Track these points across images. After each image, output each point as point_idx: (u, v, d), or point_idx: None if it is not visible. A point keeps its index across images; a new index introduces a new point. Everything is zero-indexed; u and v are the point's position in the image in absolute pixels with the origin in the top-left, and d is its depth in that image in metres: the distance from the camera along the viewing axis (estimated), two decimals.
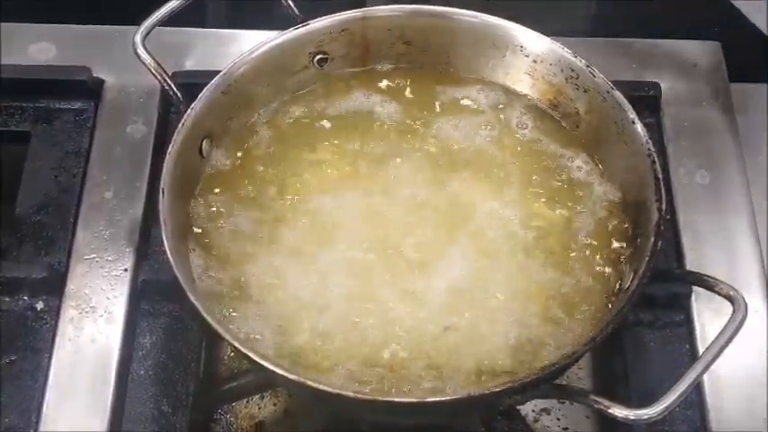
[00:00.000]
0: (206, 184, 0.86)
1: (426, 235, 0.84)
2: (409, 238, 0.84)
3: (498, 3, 0.91)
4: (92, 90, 1.00)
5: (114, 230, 0.93)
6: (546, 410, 0.92)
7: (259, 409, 0.91)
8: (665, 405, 0.69)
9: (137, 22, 0.86)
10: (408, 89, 0.92)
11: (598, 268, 0.82)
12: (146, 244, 0.92)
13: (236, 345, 0.72)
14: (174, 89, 0.85)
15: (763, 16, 1.16)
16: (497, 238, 0.84)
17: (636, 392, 0.86)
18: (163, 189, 0.79)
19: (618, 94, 0.85)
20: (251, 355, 0.72)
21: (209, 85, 0.85)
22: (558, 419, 0.91)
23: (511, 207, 0.86)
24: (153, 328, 0.88)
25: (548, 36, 0.88)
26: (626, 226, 0.84)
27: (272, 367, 0.71)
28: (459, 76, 0.92)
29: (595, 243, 0.84)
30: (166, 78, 0.85)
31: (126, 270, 0.91)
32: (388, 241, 0.83)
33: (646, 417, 0.69)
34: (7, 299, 0.89)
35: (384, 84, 0.92)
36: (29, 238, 0.92)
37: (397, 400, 0.72)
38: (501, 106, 0.91)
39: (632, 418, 0.69)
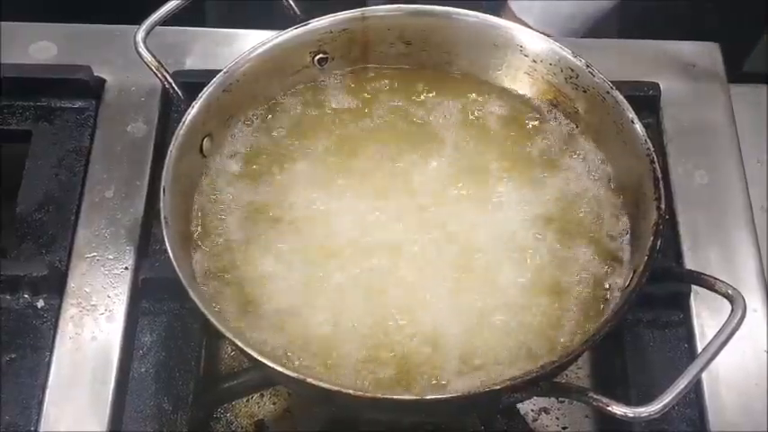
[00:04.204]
0: (207, 183, 0.86)
1: (431, 232, 0.84)
2: (415, 235, 0.84)
3: (499, 2, 0.91)
4: (92, 89, 1.00)
5: (115, 229, 0.93)
6: (545, 409, 0.92)
7: (259, 407, 0.91)
8: (663, 403, 0.69)
9: (137, 21, 0.86)
10: (409, 89, 0.92)
11: (597, 267, 0.82)
12: (146, 242, 0.93)
13: (238, 342, 0.72)
14: (176, 88, 0.85)
15: None
16: (496, 237, 0.84)
17: (635, 391, 0.86)
18: (164, 187, 0.79)
19: (617, 94, 0.85)
20: (251, 352, 0.72)
21: (210, 84, 0.85)
22: (558, 418, 0.91)
23: (510, 205, 0.86)
24: (153, 327, 0.88)
25: (547, 36, 0.89)
26: (625, 225, 0.84)
27: (272, 364, 0.71)
28: (460, 75, 0.92)
29: (594, 241, 0.84)
30: (168, 77, 0.85)
31: (127, 268, 0.91)
32: (393, 240, 0.83)
33: (645, 414, 0.69)
34: (8, 297, 0.89)
35: (384, 84, 0.92)
36: (30, 236, 0.92)
37: (396, 397, 0.72)
38: (500, 106, 0.91)
39: (631, 415, 0.69)
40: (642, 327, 0.89)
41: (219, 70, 0.86)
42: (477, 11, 0.89)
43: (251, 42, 0.89)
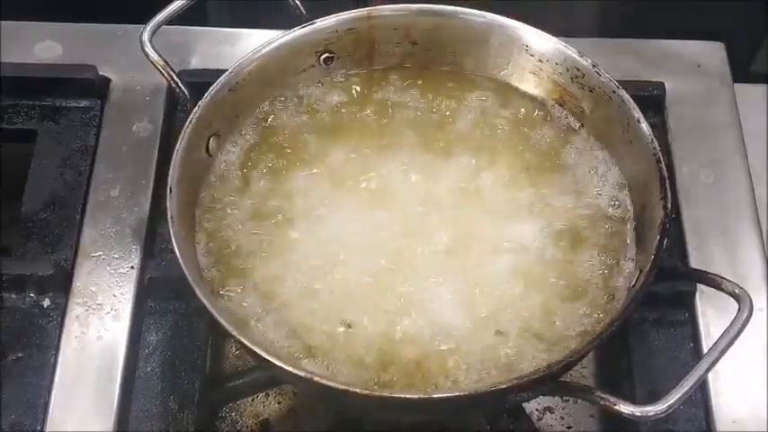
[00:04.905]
0: (213, 182, 0.86)
1: (436, 231, 0.84)
2: (421, 234, 0.84)
3: (504, 2, 0.91)
4: (98, 88, 1.00)
5: (120, 228, 0.93)
6: (550, 409, 0.92)
7: (264, 407, 0.91)
8: (670, 402, 0.69)
9: (142, 20, 0.86)
10: (414, 88, 0.92)
11: (603, 266, 0.82)
12: (152, 241, 0.93)
13: (244, 341, 0.72)
14: (182, 87, 0.85)
15: None
16: (502, 236, 0.84)
17: (640, 391, 0.86)
18: (170, 187, 0.79)
19: (623, 93, 0.85)
20: (258, 351, 0.72)
21: (216, 83, 0.85)
22: (562, 418, 0.91)
23: (515, 204, 0.86)
24: (159, 326, 0.89)
25: (553, 36, 0.89)
26: (631, 224, 0.84)
27: (279, 363, 0.71)
28: (465, 75, 0.92)
29: (600, 241, 0.84)
30: (174, 76, 0.85)
31: (132, 267, 0.91)
32: (399, 240, 0.83)
33: (651, 414, 0.69)
34: (14, 296, 0.89)
35: (391, 83, 0.92)
36: (35, 235, 0.92)
37: (403, 396, 0.72)
38: (506, 105, 0.91)
39: (638, 414, 0.70)
40: (647, 326, 0.89)
41: (225, 69, 0.86)
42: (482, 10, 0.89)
43: (256, 42, 0.89)
